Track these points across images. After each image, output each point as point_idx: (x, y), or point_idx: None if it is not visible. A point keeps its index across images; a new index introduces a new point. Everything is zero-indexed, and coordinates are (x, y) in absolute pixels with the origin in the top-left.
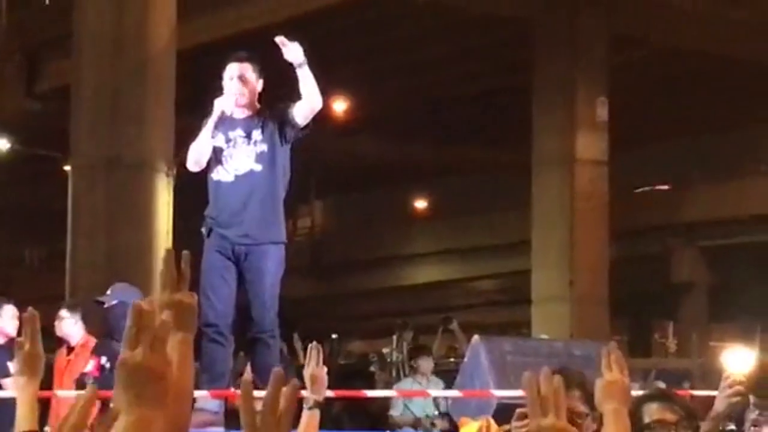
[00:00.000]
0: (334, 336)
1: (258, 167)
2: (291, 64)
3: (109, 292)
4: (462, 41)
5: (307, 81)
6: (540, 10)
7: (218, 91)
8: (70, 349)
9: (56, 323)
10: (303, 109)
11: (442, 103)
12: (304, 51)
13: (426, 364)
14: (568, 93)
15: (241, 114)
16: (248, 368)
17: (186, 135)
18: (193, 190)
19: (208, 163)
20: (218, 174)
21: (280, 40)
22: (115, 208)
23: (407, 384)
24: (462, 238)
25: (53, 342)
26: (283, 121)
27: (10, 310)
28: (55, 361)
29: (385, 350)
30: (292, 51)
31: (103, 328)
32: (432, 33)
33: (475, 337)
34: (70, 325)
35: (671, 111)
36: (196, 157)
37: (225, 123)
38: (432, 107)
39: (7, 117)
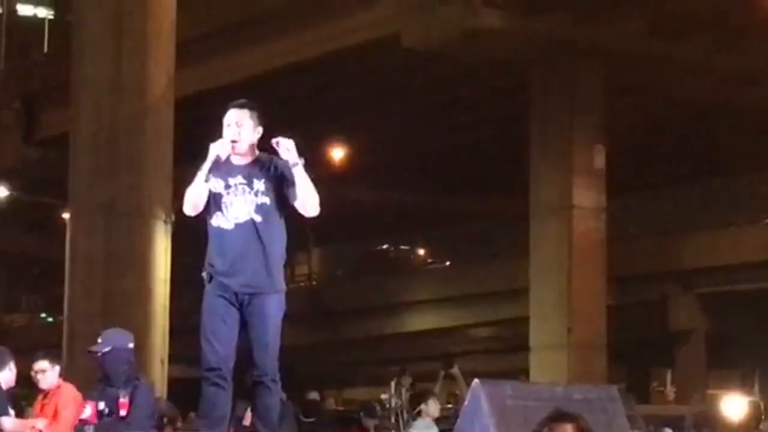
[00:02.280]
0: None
1: (258, 218)
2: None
3: (100, 339)
4: (459, 90)
5: (302, 183)
6: (536, 59)
7: (217, 138)
8: (45, 394)
9: (39, 377)
10: (298, 204)
11: (440, 152)
12: (302, 98)
13: (434, 406)
14: (565, 141)
15: (240, 161)
16: (248, 412)
17: (184, 183)
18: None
19: (207, 208)
20: (217, 220)
21: (275, 141)
22: (113, 255)
23: (421, 427)
24: (460, 286)
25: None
26: (284, 189)
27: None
28: (33, 407)
29: (383, 396)
30: (287, 150)
31: (99, 374)
32: (429, 82)
33: (476, 381)
34: (53, 376)
35: (668, 158)
36: (192, 202)
37: (224, 169)
38: (430, 156)
39: (6, 164)
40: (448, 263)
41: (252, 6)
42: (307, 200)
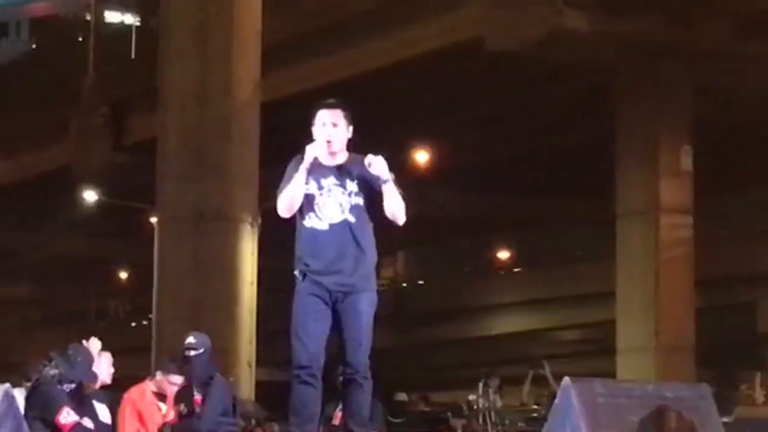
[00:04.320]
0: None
1: (352, 218)
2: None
3: (194, 340)
4: (544, 92)
5: (391, 198)
6: (622, 59)
7: (305, 140)
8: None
9: (174, 388)
10: (387, 213)
11: (525, 155)
12: (386, 102)
13: None
14: (652, 142)
15: (332, 161)
16: (338, 412)
17: (270, 187)
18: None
19: (299, 209)
20: (311, 221)
21: (367, 162)
22: (201, 259)
23: None
24: (546, 289)
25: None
26: (374, 192)
27: (106, 358)
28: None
29: (471, 397)
30: (378, 166)
31: (187, 376)
32: (513, 85)
33: (566, 379)
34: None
35: (756, 159)
36: (288, 204)
37: (316, 170)
38: (515, 159)
39: (95, 169)
40: (533, 266)
41: (337, 10)
42: (397, 213)
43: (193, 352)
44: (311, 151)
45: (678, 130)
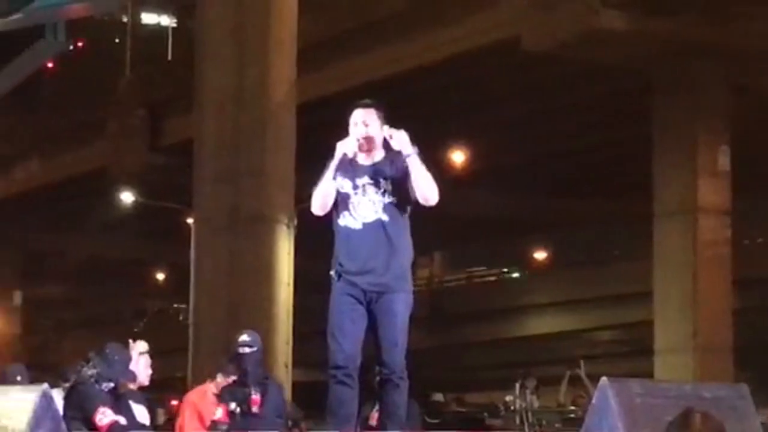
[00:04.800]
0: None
1: (386, 217)
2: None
3: (248, 338)
4: (580, 92)
5: (417, 172)
6: (658, 60)
7: (338, 140)
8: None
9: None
10: (418, 195)
11: (562, 154)
12: (421, 101)
13: None
14: (689, 142)
15: (366, 160)
16: (375, 413)
17: (306, 187)
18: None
19: (335, 208)
20: (345, 220)
21: (388, 134)
22: (237, 259)
23: None
24: (582, 289)
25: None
26: (408, 185)
27: (144, 358)
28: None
29: (508, 398)
30: (400, 140)
31: (237, 374)
32: (550, 84)
33: (604, 379)
34: None
35: None
36: (320, 202)
37: (351, 169)
38: (551, 158)
39: (132, 171)
40: (569, 266)
41: (371, 11)
42: (426, 188)
43: (248, 350)
44: (341, 148)
45: (715, 130)
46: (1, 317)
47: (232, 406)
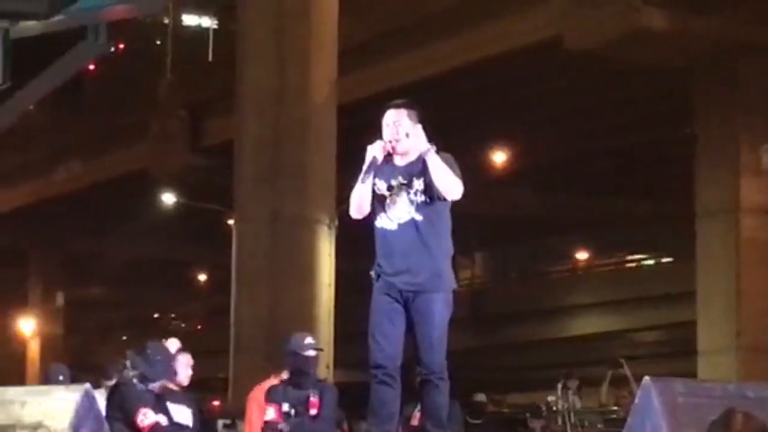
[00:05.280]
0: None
1: (419, 217)
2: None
3: (311, 341)
4: (623, 91)
5: (436, 167)
6: (700, 58)
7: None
8: None
9: None
10: (439, 192)
11: (603, 154)
12: (463, 101)
13: None
14: (731, 141)
15: (401, 161)
16: (416, 413)
17: (347, 188)
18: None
19: (373, 210)
20: (381, 221)
21: (404, 131)
22: (278, 261)
23: None
24: (625, 289)
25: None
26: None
27: (184, 358)
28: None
29: (550, 398)
30: (414, 137)
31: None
32: (592, 83)
33: (646, 379)
34: None
35: None
36: (356, 204)
37: (386, 170)
38: (592, 157)
39: (173, 172)
40: (611, 266)
41: (413, 11)
42: (445, 184)
43: (313, 352)
44: (371, 151)
45: (758, 129)
46: (44, 318)
47: (286, 407)
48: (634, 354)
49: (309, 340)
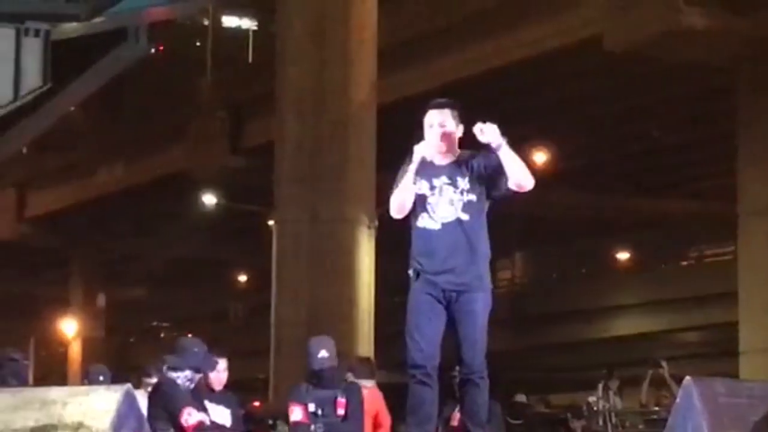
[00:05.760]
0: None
1: (465, 216)
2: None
3: (327, 354)
4: (664, 91)
5: (511, 163)
6: (741, 57)
7: (418, 141)
8: None
9: None
10: (511, 184)
11: (643, 154)
12: (502, 102)
13: None
14: None
15: (443, 161)
16: (456, 413)
17: (387, 189)
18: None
19: (412, 210)
20: (424, 221)
21: (478, 128)
22: (318, 262)
23: None
24: (665, 290)
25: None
26: (493, 181)
27: (221, 362)
28: None
29: (591, 399)
30: (489, 133)
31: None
32: (632, 84)
33: (688, 379)
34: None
35: None
36: (399, 205)
37: (428, 170)
38: (633, 158)
39: (213, 173)
40: (652, 267)
41: (453, 11)
42: (521, 178)
43: (327, 364)
44: (418, 152)
45: None
46: (85, 319)
47: (312, 406)
48: (675, 354)
49: (323, 353)
